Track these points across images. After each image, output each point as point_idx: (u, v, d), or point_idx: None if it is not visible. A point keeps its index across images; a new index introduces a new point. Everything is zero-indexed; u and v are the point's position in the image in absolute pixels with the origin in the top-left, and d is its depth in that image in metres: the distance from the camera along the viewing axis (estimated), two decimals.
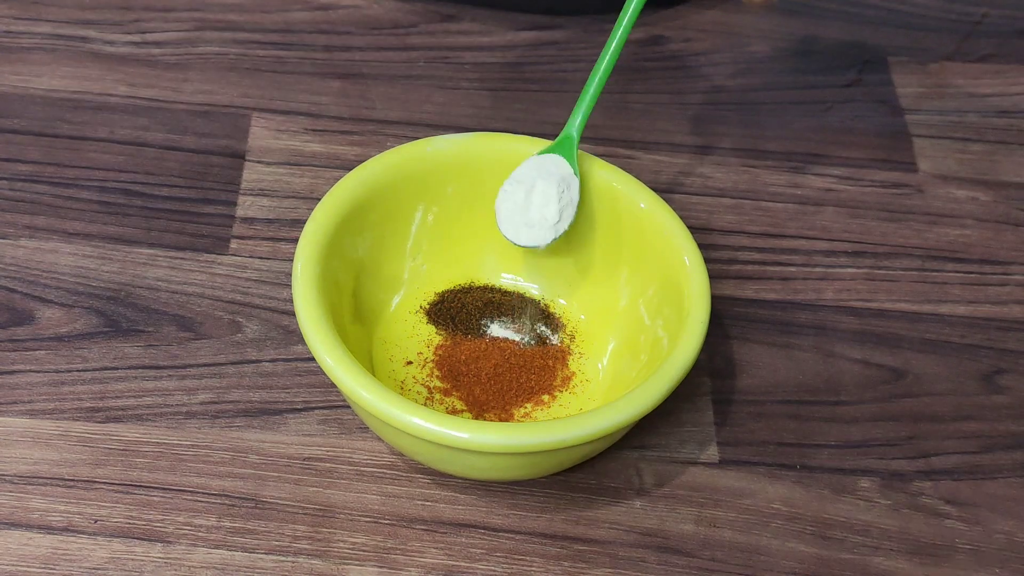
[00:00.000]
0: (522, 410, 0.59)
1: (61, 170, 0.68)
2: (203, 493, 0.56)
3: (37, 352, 0.60)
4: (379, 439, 0.58)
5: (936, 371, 0.64)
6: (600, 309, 0.62)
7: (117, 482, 0.56)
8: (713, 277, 0.59)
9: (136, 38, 0.75)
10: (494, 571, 0.55)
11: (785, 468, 0.60)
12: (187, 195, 0.67)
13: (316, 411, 0.59)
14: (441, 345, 0.61)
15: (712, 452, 0.60)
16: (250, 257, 0.65)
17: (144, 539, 0.55)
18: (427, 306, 0.63)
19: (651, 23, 0.79)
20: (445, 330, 0.62)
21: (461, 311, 0.63)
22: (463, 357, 0.61)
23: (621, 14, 0.59)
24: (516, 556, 0.56)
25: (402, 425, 0.51)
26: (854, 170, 0.73)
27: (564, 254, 0.63)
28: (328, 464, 0.58)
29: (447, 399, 0.59)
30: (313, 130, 0.71)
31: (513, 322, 0.62)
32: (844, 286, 0.67)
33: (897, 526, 0.58)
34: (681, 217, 0.59)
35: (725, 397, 0.62)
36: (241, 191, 0.68)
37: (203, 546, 0.55)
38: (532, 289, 0.64)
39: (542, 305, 0.63)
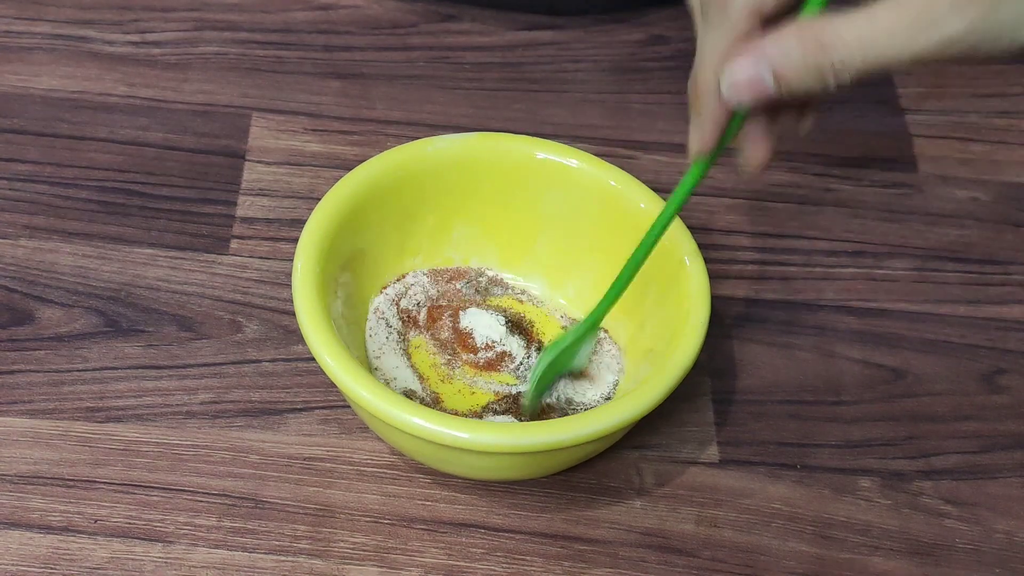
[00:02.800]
0: None
1: (61, 170, 0.68)
2: (203, 493, 0.56)
3: (37, 352, 0.60)
4: (379, 439, 0.58)
5: (936, 371, 0.64)
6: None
7: (117, 482, 0.56)
8: (713, 277, 0.59)
9: (136, 38, 0.75)
10: (494, 571, 0.55)
11: (785, 468, 0.60)
12: (187, 195, 0.67)
13: (316, 411, 0.59)
14: None
15: (712, 452, 0.60)
16: (250, 257, 0.65)
17: (144, 539, 0.55)
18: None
19: (651, 23, 0.79)
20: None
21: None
22: None
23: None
24: (516, 556, 0.56)
25: (402, 425, 0.51)
26: (854, 170, 0.73)
27: (564, 254, 0.63)
28: (328, 464, 0.58)
29: None
30: (313, 130, 0.71)
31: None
32: (844, 286, 0.67)
33: (897, 526, 0.58)
34: (681, 217, 0.59)
35: (725, 397, 0.62)
36: (241, 191, 0.68)
37: (203, 546, 0.55)
38: (532, 289, 0.64)
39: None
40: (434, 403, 0.58)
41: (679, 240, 0.58)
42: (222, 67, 0.74)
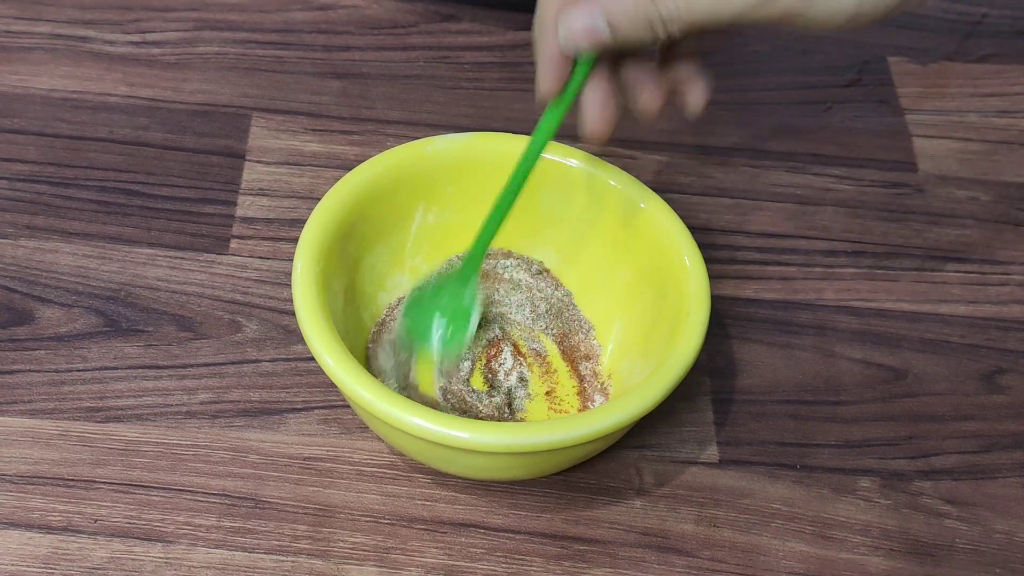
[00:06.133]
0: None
1: (61, 170, 0.68)
2: (203, 493, 0.56)
3: (37, 352, 0.60)
4: (379, 439, 0.58)
5: (936, 371, 0.64)
6: (600, 309, 0.62)
7: (117, 482, 0.56)
8: (713, 277, 0.59)
9: (136, 38, 0.75)
10: (494, 571, 0.55)
11: (785, 468, 0.60)
12: (187, 195, 0.67)
13: (316, 411, 0.59)
14: None
15: (712, 452, 0.60)
16: (250, 257, 0.65)
17: (144, 539, 0.55)
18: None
19: None
20: None
21: None
22: None
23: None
24: (516, 556, 0.56)
25: (402, 425, 0.51)
26: (854, 170, 0.73)
27: (564, 254, 0.63)
28: (328, 464, 0.58)
29: None
30: (313, 130, 0.71)
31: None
32: (844, 286, 0.67)
33: (897, 526, 0.58)
34: (681, 217, 0.59)
35: (725, 397, 0.62)
36: (241, 191, 0.68)
37: (203, 546, 0.55)
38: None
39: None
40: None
41: (679, 240, 0.58)
42: (222, 67, 0.74)
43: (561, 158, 0.61)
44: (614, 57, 0.54)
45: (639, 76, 0.54)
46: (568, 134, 0.71)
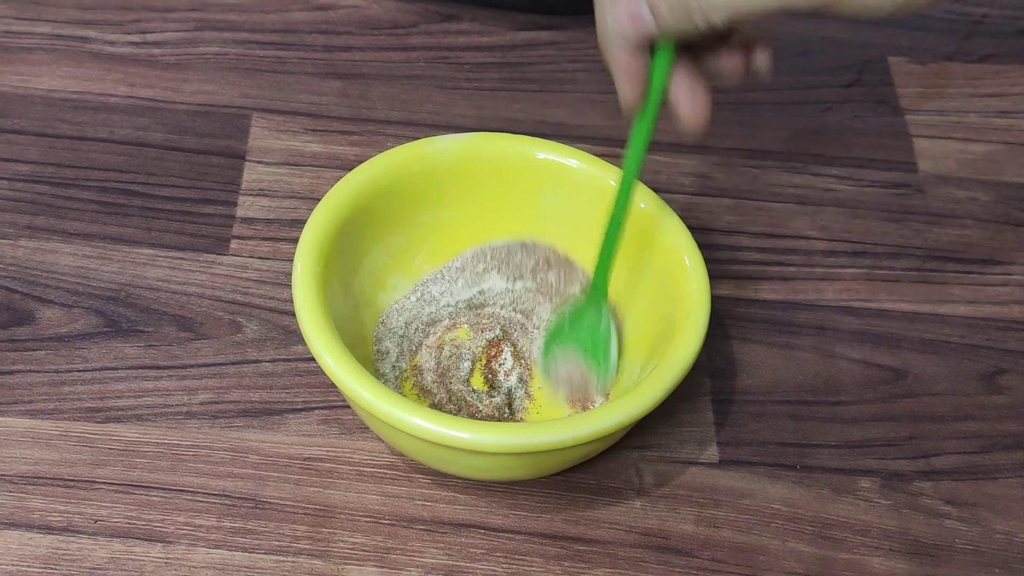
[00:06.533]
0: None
1: (61, 170, 0.68)
2: (203, 493, 0.56)
3: (37, 352, 0.60)
4: (379, 439, 0.59)
5: (936, 371, 0.64)
6: None
7: (117, 482, 0.56)
8: (713, 277, 0.59)
9: (136, 38, 0.75)
10: (494, 571, 0.55)
11: (785, 468, 0.60)
12: (187, 195, 0.67)
13: (316, 411, 0.59)
14: None
15: (712, 452, 0.60)
16: (250, 257, 0.65)
17: (144, 539, 0.55)
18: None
19: None
20: None
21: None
22: None
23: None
24: (516, 556, 0.56)
25: (402, 425, 0.51)
26: (854, 170, 0.73)
27: (565, 254, 0.63)
28: (328, 464, 0.58)
29: None
30: (313, 130, 0.71)
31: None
32: (844, 286, 0.67)
33: (897, 526, 0.58)
34: (681, 217, 0.59)
35: (725, 397, 0.62)
36: (241, 191, 0.68)
37: (203, 546, 0.55)
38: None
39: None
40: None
41: (679, 240, 0.58)
42: (222, 67, 0.74)
43: (561, 158, 0.61)
44: (691, 51, 0.53)
45: (717, 60, 0.54)
46: (568, 134, 0.72)
